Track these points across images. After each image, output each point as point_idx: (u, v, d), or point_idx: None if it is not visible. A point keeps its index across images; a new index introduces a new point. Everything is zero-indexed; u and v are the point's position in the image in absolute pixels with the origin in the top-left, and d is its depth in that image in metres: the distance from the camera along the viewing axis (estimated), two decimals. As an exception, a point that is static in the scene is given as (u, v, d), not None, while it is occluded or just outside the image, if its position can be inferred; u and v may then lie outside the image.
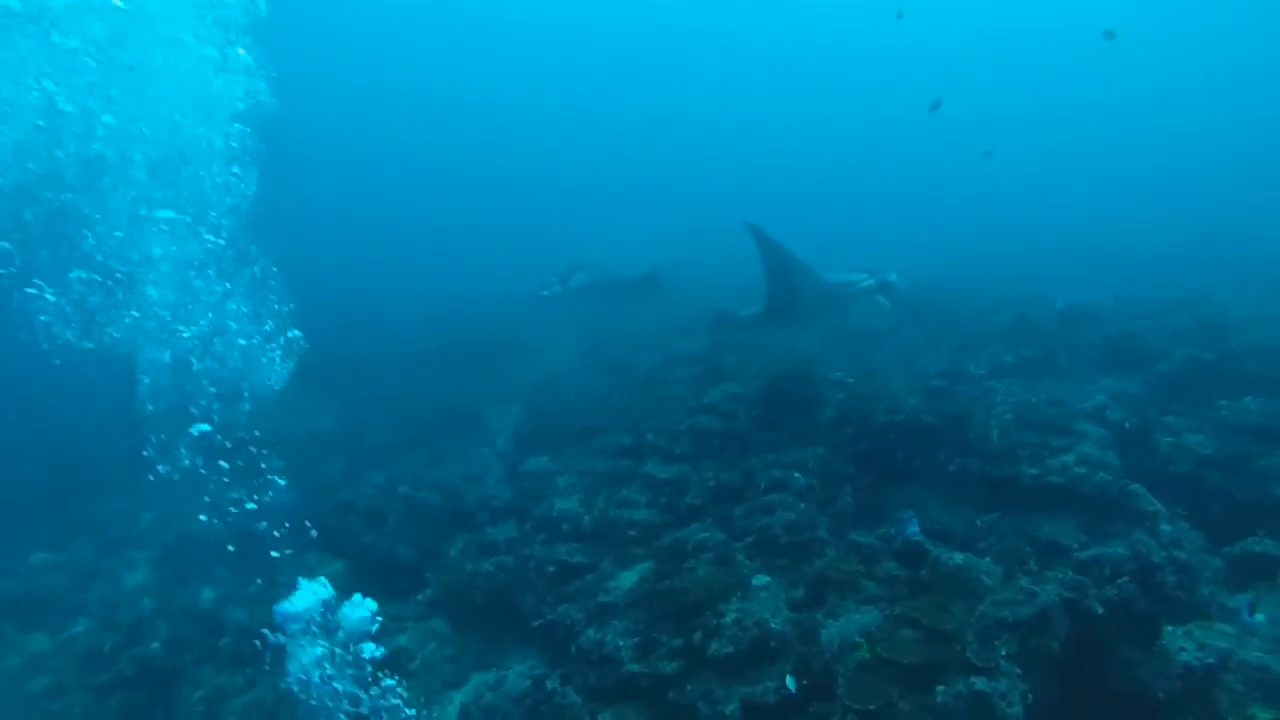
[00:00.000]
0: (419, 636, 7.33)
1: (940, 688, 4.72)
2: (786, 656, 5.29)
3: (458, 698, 6.30)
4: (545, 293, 15.57)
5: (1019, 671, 4.75)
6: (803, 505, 6.75)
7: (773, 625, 5.43)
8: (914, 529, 6.31)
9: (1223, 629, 5.25)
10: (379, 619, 5.89)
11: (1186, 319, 9.44)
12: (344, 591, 8.26)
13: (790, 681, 5.07)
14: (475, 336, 18.65)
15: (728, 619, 5.52)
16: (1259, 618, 5.41)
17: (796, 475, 7.09)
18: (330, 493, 9.91)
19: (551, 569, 7.16)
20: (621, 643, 5.76)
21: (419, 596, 7.71)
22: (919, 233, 27.15)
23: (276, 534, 6.61)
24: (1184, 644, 5.09)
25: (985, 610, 5.13)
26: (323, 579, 5.78)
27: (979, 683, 4.64)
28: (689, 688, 5.29)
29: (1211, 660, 5.00)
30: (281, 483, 6.72)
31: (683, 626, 5.66)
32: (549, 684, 5.73)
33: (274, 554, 6.55)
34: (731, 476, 7.42)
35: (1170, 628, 5.20)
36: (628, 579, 6.48)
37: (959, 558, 5.60)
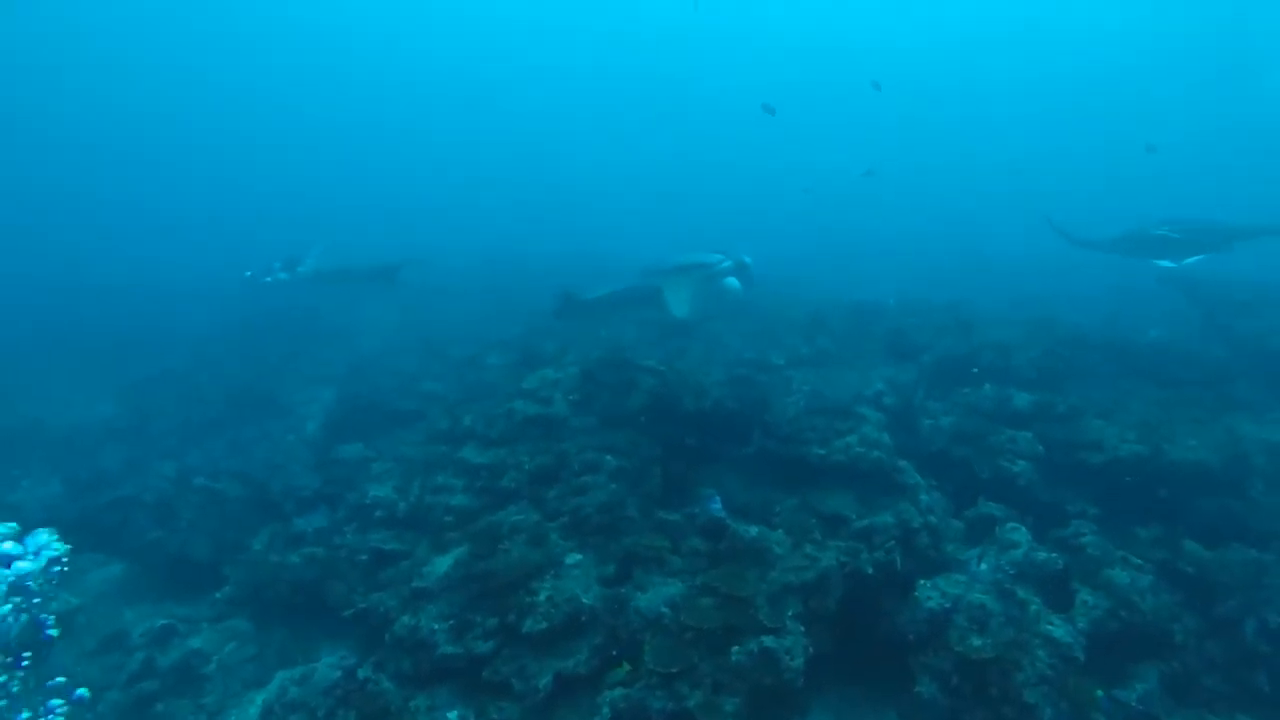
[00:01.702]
0: (216, 637, 6.85)
1: (735, 648, 5.20)
2: (597, 629, 5.54)
3: (260, 697, 5.94)
4: (268, 279, 14.72)
5: (802, 629, 5.34)
6: (614, 486, 7.05)
7: (584, 600, 5.67)
8: (716, 506, 6.81)
9: (958, 578, 6.18)
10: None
11: (949, 318, 10.88)
12: (127, 597, 7.52)
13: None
14: (281, 312, 17.35)
15: (541, 597, 5.69)
16: (983, 566, 6.42)
17: (609, 458, 7.39)
18: (107, 487, 8.86)
19: (364, 557, 6.95)
20: (437, 626, 5.74)
21: (217, 595, 7.15)
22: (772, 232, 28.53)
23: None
24: (930, 593, 5.93)
25: (775, 576, 5.69)
26: None
27: (768, 641, 5.18)
28: (503, 665, 5.39)
29: (948, 605, 5.88)
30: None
31: (498, 606, 5.76)
32: (361, 673, 5.59)
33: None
34: (547, 460, 7.56)
35: (922, 580, 6.03)
36: (443, 563, 6.43)
37: (754, 530, 6.15)
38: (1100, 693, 5.47)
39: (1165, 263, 11.56)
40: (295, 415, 11.34)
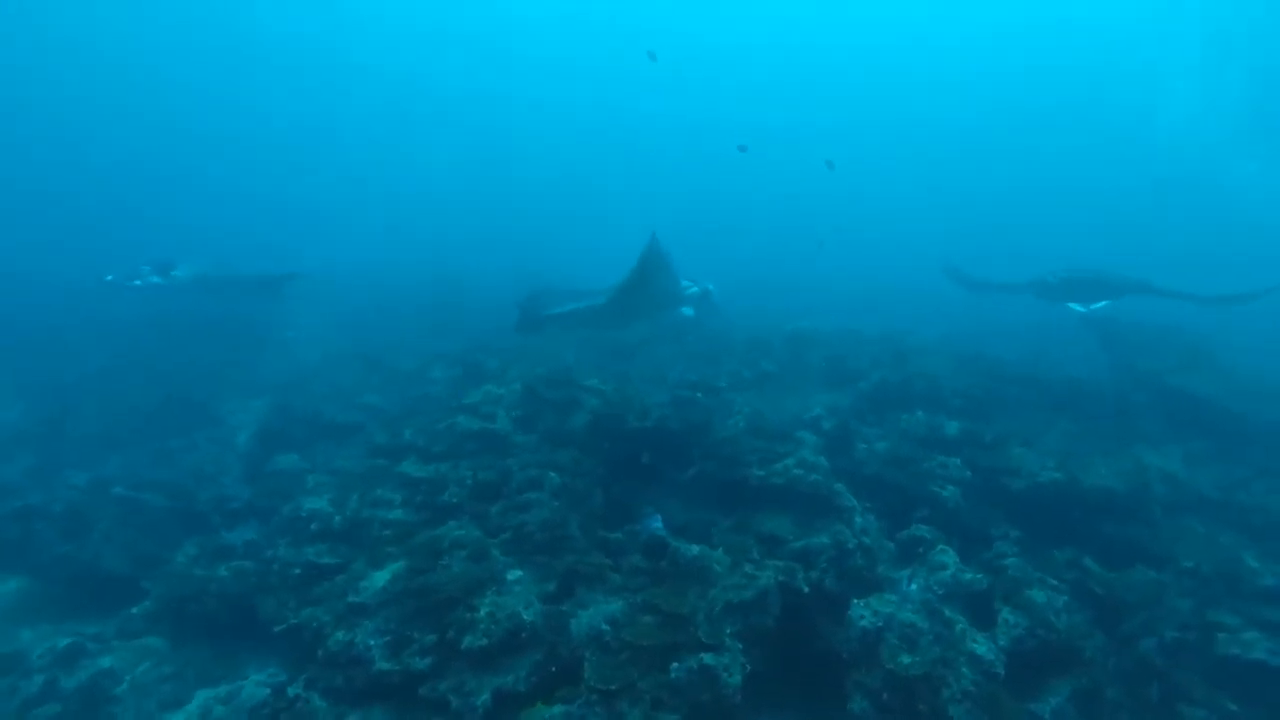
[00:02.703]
0: (129, 656, 6.49)
1: (674, 665, 5.26)
2: (538, 646, 5.53)
3: (180, 718, 5.66)
4: (136, 283, 14.21)
5: (741, 646, 5.44)
6: (557, 503, 7.06)
7: (525, 617, 5.65)
8: (658, 524, 6.90)
9: (890, 598, 6.41)
10: None
11: (885, 348, 11.34)
12: (27, 616, 7.08)
13: None
14: (214, 317, 16.73)
15: (481, 613, 5.65)
16: (913, 587, 6.67)
17: (552, 475, 7.40)
18: (9, 496, 8.33)
19: (297, 571, 6.75)
20: (372, 642, 5.63)
21: (134, 610, 6.80)
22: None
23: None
24: (863, 612, 6.13)
25: (715, 594, 5.79)
26: None
27: (707, 658, 5.26)
28: (441, 682, 5.32)
29: (880, 624, 6.09)
30: None
31: (436, 622, 5.69)
32: (290, 690, 5.42)
33: None
34: (489, 476, 7.53)
35: (856, 600, 6.23)
36: (380, 578, 6.32)
37: (695, 549, 6.25)
38: None
39: (1076, 306, 12.54)
40: (227, 425, 10.90)
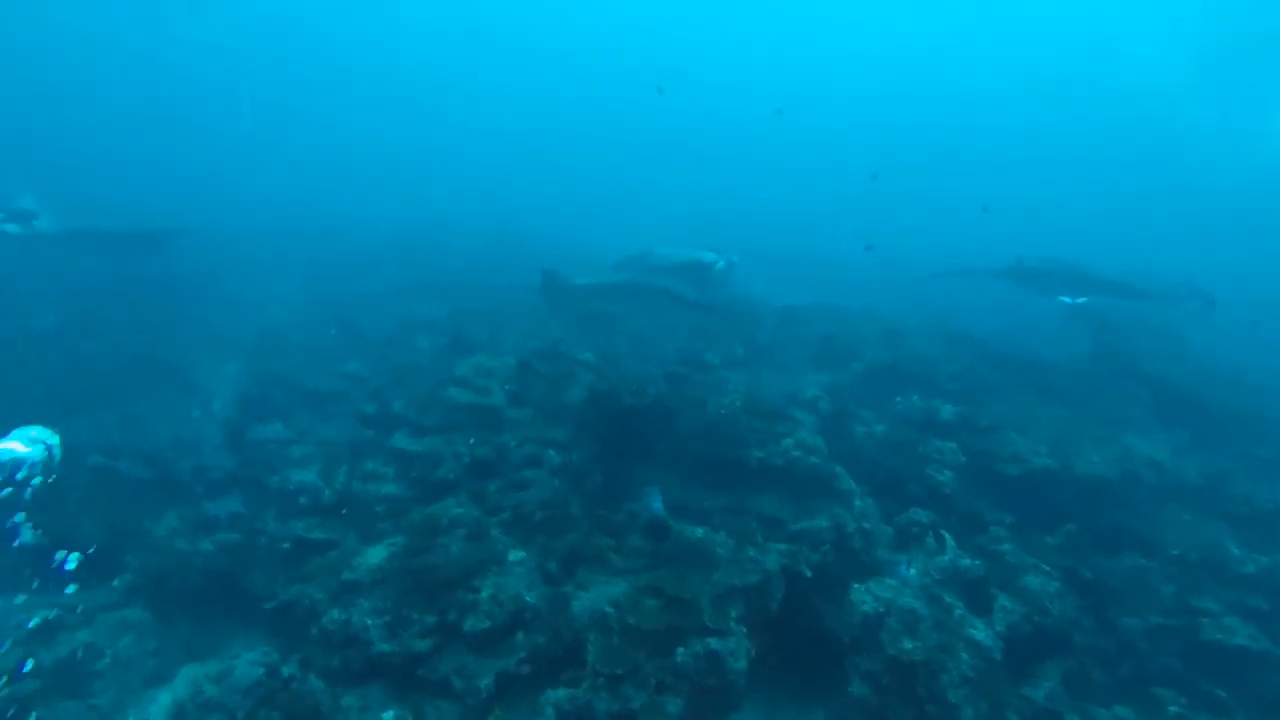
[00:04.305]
0: (110, 629, 6.26)
1: (680, 649, 5.21)
2: (540, 629, 5.43)
3: (165, 695, 5.50)
4: None
5: (745, 630, 5.40)
6: (556, 482, 6.94)
7: (528, 599, 5.56)
8: (658, 505, 6.78)
9: (890, 583, 6.43)
10: None
11: (874, 327, 11.31)
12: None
13: None
14: (176, 276, 16.08)
15: (484, 594, 5.54)
16: (912, 571, 6.70)
17: (551, 453, 7.26)
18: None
19: (286, 546, 6.57)
20: (370, 622, 5.50)
21: (114, 583, 6.55)
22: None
23: None
24: (864, 597, 6.15)
25: (719, 578, 5.73)
26: None
27: (713, 643, 5.22)
28: (442, 664, 5.22)
29: (881, 609, 6.11)
30: None
31: (436, 603, 5.58)
32: (285, 670, 5.25)
33: None
34: (486, 452, 7.36)
35: (856, 584, 6.24)
36: (375, 555, 6.16)
37: (699, 532, 6.19)
38: None
39: (1066, 299, 12.71)
40: (201, 389, 10.51)
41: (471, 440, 7.40)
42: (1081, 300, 13.22)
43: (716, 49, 56.80)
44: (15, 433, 5.58)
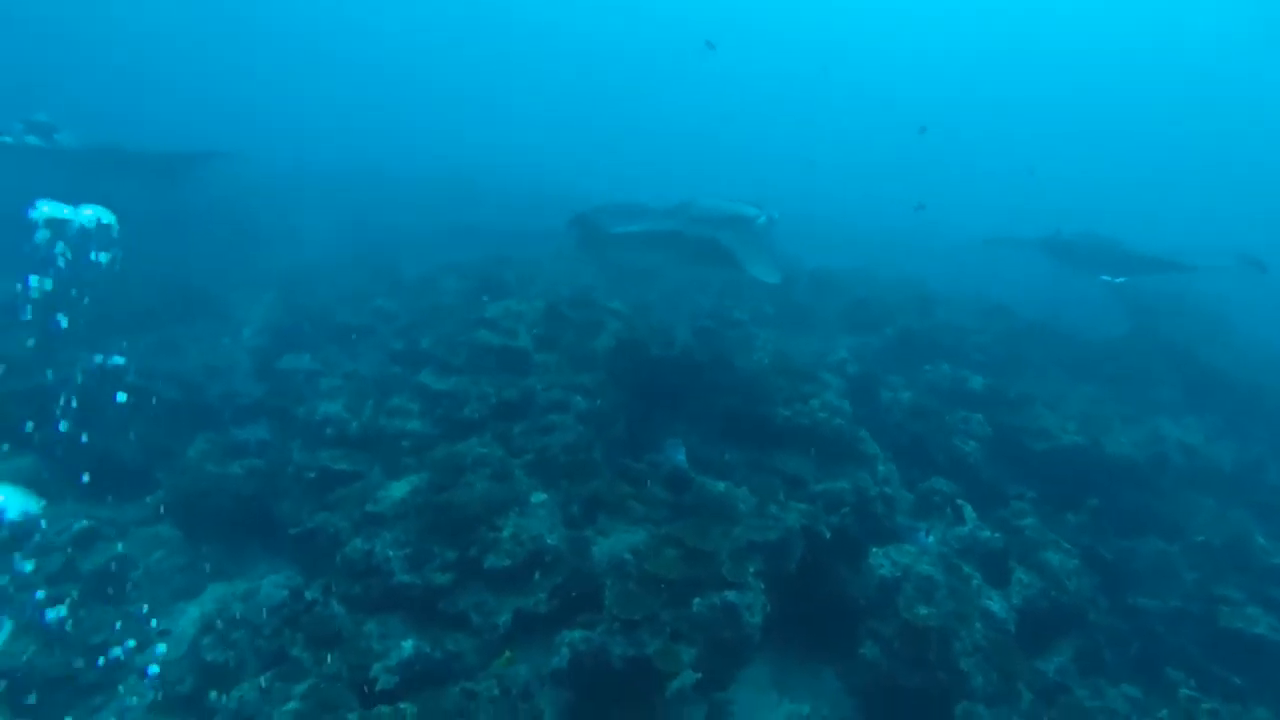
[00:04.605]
0: (143, 543, 6.46)
1: (697, 600, 5.25)
2: (559, 570, 5.50)
3: (193, 609, 5.72)
4: (7, 139, 12.19)
5: (762, 587, 5.42)
6: (581, 428, 6.95)
7: (548, 540, 5.61)
8: (681, 456, 6.78)
9: (908, 549, 6.43)
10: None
11: (906, 294, 11.12)
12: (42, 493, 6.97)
13: None
14: (208, 207, 16.18)
15: (505, 533, 5.60)
16: (931, 539, 6.69)
17: (578, 398, 7.27)
18: (17, 374, 8.10)
19: (312, 475, 6.67)
20: (392, 553, 5.58)
21: (147, 499, 6.74)
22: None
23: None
24: (882, 561, 6.15)
25: (739, 533, 5.74)
26: None
27: (730, 595, 5.24)
28: (461, 598, 5.31)
29: (898, 574, 6.12)
30: None
31: (458, 539, 5.64)
32: (308, 594, 5.39)
33: None
34: (513, 394, 7.38)
35: (874, 549, 6.24)
36: (399, 489, 6.24)
37: (721, 486, 6.19)
38: None
39: (1107, 277, 12.34)
40: (232, 319, 10.63)
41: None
42: (1120, 280, 12.91)
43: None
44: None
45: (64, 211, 5.18)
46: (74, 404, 7.38)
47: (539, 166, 27.63)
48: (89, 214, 5.26)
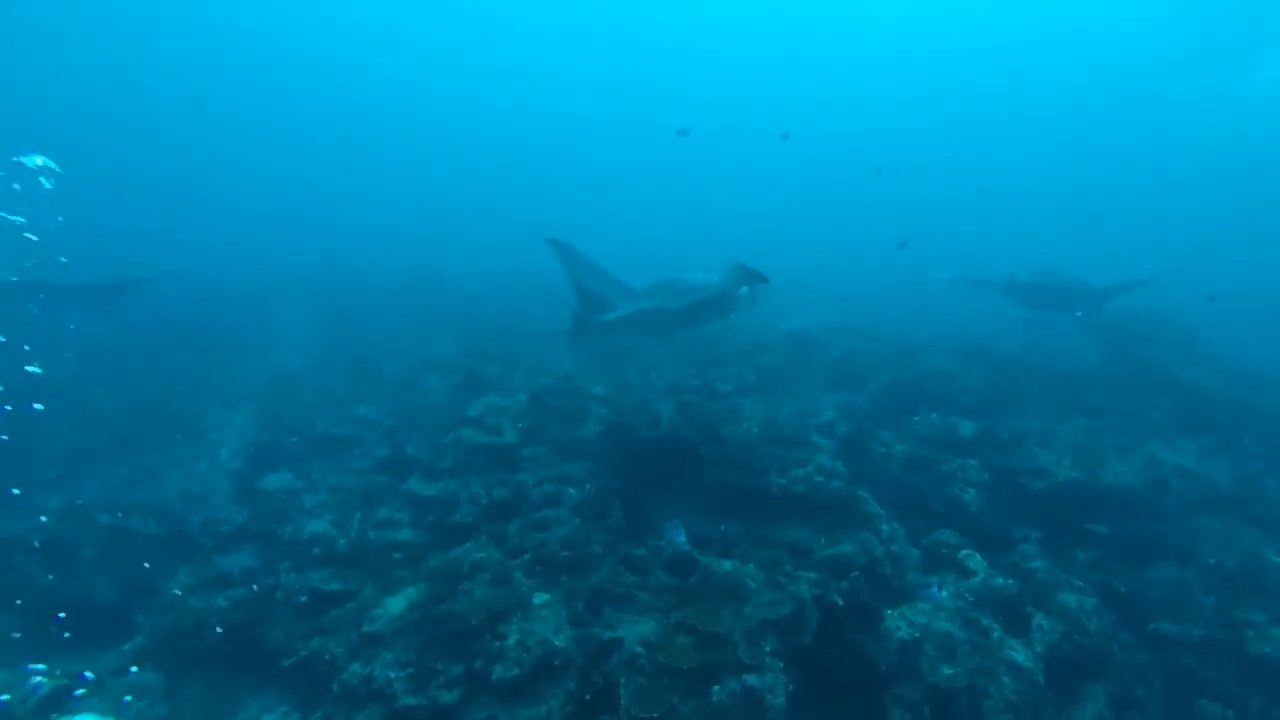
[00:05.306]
0: (119, 696, 6.09)
1: (715, 688, 5.05)
2: (570, 673, 5.29)
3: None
4: None
5: (781, 665, 5.24)
6: (577, 520, 6.82)
7: (556, 643, 5.41)
8: (681, 538, 6.65)
9: (922, 607, 6.28)
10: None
11: (889, 345, 11.24)
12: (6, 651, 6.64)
13: None
14: (187, 320, 16.19)
15: (510, 640, 5.39)
16: (944, 594, 6.55)
17: (570, 490, 7.16)
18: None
19: (303, 599, 6.43)
20: (393, 675, 5.34)
21: (125, 646, 6.43)
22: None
23: None
24: (898, 623, 6.00)
25: (751, 612, 5.58)
26: None
27: (750, 679, 5.05)
28: (471, 715, 5.07)
29: (917, 634, 5.96)
30: None
31: (462, 652, 5.42)
32: (308, 730, 5.10)
33: None
34: (504, 493, 7.26)
35: (889, 610, 6.08)
36: (395, 605, 6.03)
37: (727, 565, 6.05)
38: None
39: (1079, 313, 12.76)
40: (210, 439, 10.44)
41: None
42: (1079, 315, 13.35)
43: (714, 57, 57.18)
44: None
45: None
46: (40, 554, 7.14)
47: (507, 249, 28.06)
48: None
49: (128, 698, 6.12)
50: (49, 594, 7.23)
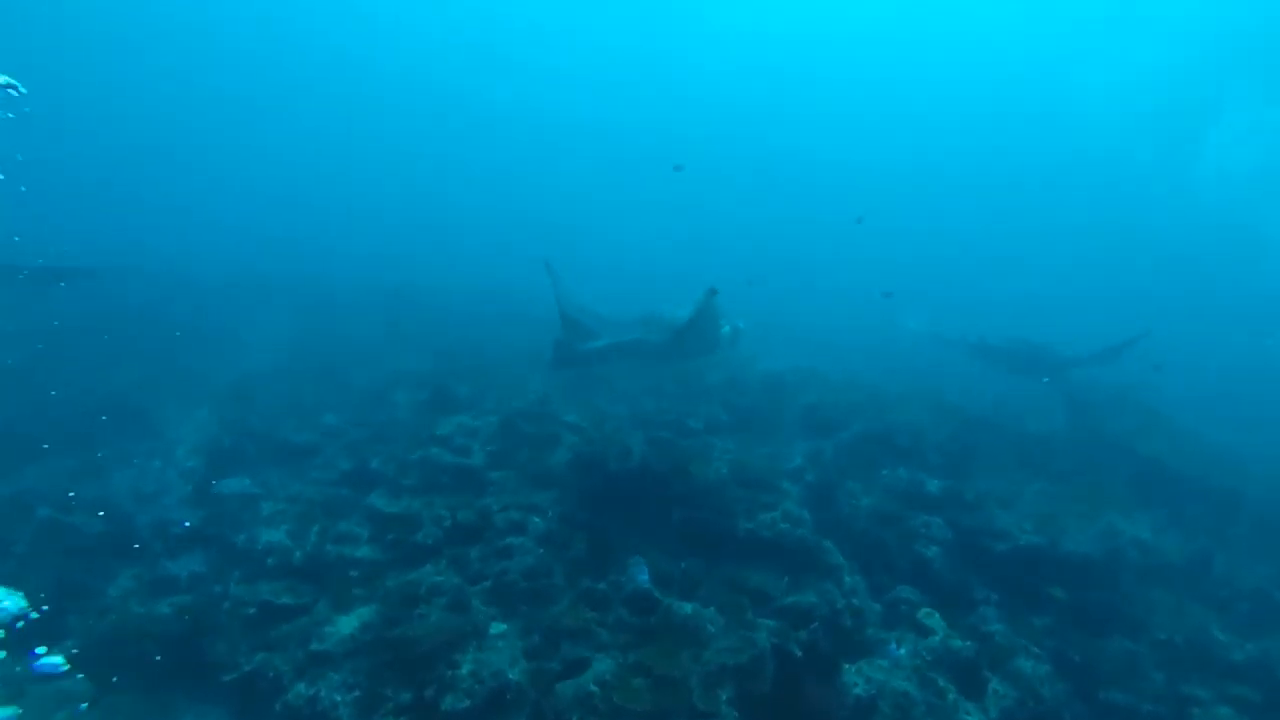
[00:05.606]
0: (44, 705, 5.79)
1: (669, 734, 4.96)
2: (523, 708, 5.17)
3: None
4: None
5: (736, 714, 5.18)
6: (541, 551, 6.72)
7: (510, 676, 5.30)
8: (644, 577, 6.60)
9: (880, 664, 6.27)
10: None
11: (860, 395, 11.34)
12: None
13: None
14: (146, 312, 15.78)
15: (464, 670, 5.27)
16: (902, 651, 6.55)
17: (535, 519, 7.06)
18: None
19: (252, 611, 6.22)
20: (339, 698, 5.19)
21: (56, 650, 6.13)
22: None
23: None
24: (856, 679, 5.97)
25: (709, 657, 5.52)
26: None
27: (704, 727, 4.97)
28: (416, 748, 4.92)
29: (873, 691, 5.94)
30: None
31: (413, 679, 5.28)
32: (244, 754, 4.90)
33: None
34: (468, 516, 7.14)
35: (847, 665, 6.06)
36: (347, 624, 5.87)
37: (688, 607, 5.99)
38: None
39: (1046, 379, 13.43)
40: (166, 438, 10.12)
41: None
42: (1045, 380, 14.05)
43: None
44: None
45: None
46: None
47: (488, 264, 28.02)
48: None
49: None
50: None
